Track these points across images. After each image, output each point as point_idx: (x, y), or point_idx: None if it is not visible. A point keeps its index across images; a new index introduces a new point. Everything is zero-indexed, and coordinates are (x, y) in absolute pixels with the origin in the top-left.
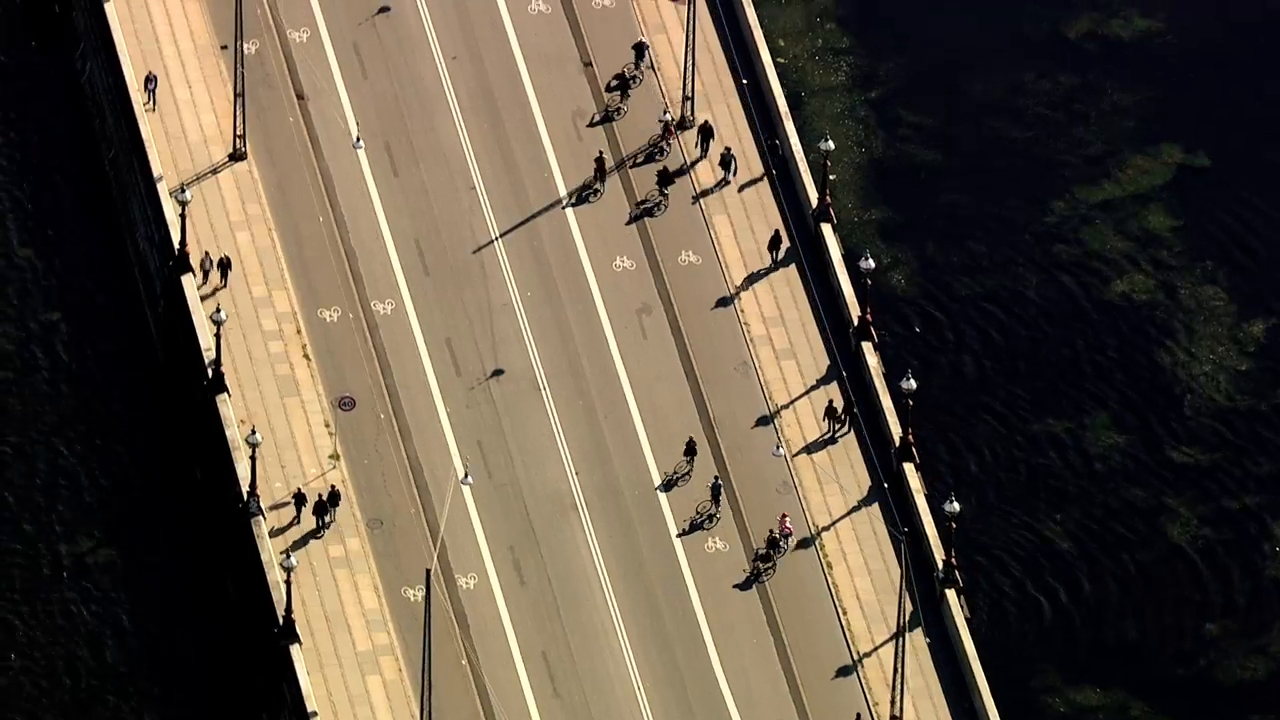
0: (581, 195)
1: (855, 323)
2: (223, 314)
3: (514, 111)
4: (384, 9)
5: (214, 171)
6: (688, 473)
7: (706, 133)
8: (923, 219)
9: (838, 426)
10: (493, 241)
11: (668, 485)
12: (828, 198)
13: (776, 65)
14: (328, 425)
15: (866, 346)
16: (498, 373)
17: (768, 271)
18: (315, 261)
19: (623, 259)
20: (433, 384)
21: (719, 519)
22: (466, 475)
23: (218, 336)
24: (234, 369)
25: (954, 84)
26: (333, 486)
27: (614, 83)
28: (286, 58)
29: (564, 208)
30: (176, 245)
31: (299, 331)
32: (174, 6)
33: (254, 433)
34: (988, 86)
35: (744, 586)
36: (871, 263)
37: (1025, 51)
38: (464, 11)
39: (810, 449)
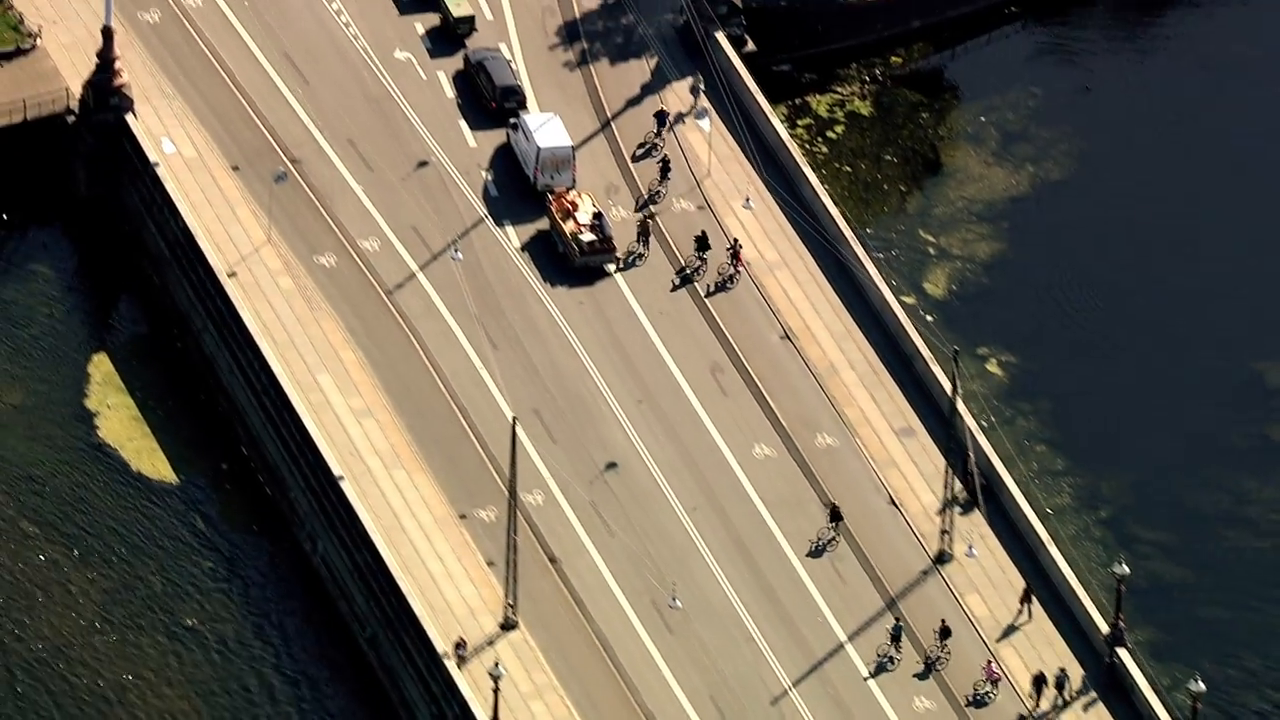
0: (861, 639)
1: None
2: None
3: (769, 558)
4: (611, 465)
5: (490, 643)
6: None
7: (1039, 683)
8: (1191, 637)
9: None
10: (787, 692)
11: None
12: (1122, 622)
13: None
14: None
15: None
16: None
17: (1065, 705)
18: None
19: (921, 699)
20: None
21: None
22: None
23: None
24: None
25: (1179, 497)
26: None
27: (638, 151)
28: (528, 521)
29: (849, 656)
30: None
31: None
32: (403, 480)
33: None
34: (1214, 497)
35: None
36: (1202, 685)
37: (1238, 459)
38: (691, 462)
39: None
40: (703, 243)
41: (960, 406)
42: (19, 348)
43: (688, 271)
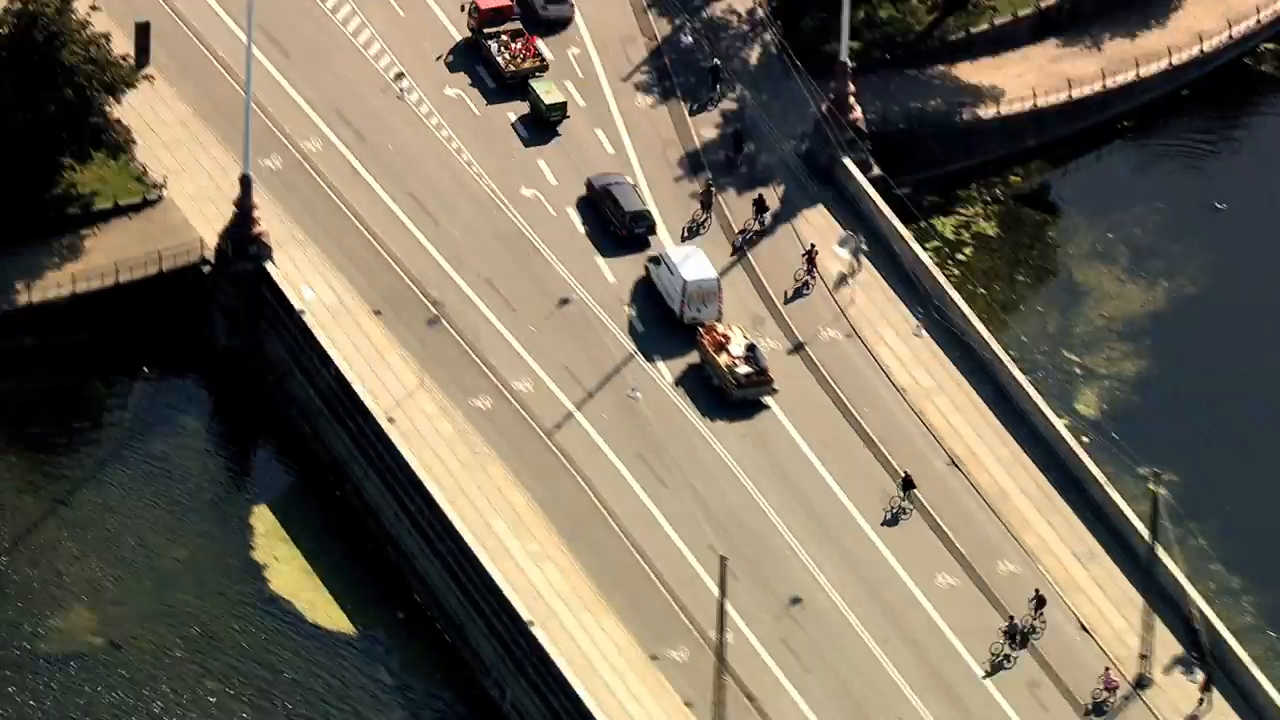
0: None
1: None
2: None
3: (968, 689)
4: (795, 600)
5: None
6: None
7: None
8: None
9: None
10: None
11: None
12: None
13: None
14: None
15: None
16: None
17: None
18: None
19: None
20: None
21: None
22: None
23: None
24: None
25: None
26: None
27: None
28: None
29: None
30: None
31: None
32: (589, 623)
33: None
34: None
35: None
36: None
37: None
38: (875, 593)
39: None
40: (760, 205)
41: (1161, 553)
42: (177, 501)
43: (748, 233)
